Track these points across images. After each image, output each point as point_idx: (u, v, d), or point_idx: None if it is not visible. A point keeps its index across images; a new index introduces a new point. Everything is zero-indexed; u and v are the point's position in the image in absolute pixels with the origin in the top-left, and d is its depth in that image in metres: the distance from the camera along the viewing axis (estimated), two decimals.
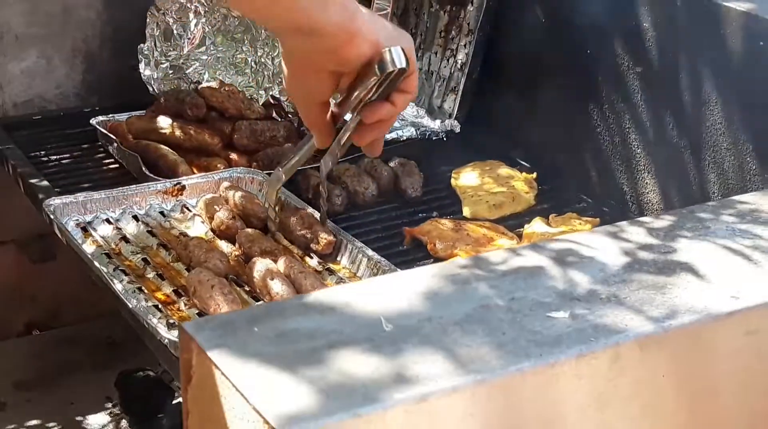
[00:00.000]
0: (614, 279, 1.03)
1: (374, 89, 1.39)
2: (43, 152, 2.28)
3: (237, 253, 1.86)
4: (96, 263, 1.79)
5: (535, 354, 0.91)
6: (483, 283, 1.02)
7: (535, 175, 2.17)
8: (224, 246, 1.89)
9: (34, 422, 2.23)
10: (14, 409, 2.27)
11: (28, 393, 2.32)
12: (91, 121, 2.29)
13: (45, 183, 2.10)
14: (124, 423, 2.25)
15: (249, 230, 1.89)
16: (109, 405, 2.30)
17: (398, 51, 1.35)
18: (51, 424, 2.23)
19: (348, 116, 1.49)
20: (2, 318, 2.58)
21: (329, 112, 1.44)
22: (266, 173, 2.06)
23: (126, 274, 1.78)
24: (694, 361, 0.97)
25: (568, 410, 0.93)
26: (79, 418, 2.25)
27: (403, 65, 1.35)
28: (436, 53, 2.42)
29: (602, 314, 0.97)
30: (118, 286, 1.72)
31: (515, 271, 1.05)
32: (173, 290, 1.75)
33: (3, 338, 2.55)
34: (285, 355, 0.91)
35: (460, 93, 2.33)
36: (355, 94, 1.39)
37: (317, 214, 1.88)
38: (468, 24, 2.33)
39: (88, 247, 1.86)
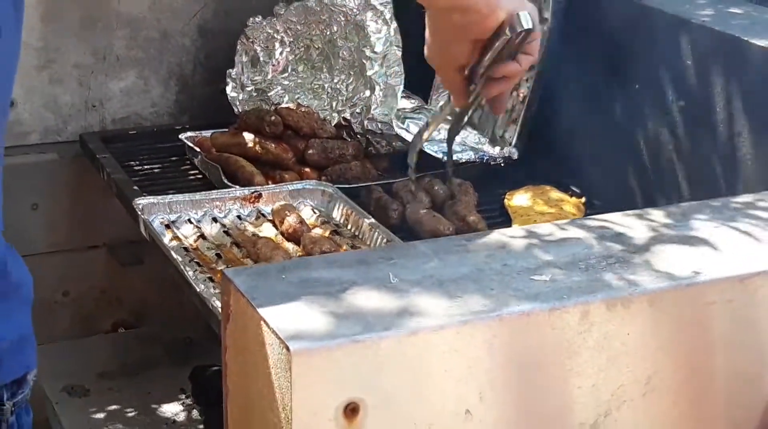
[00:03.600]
0: (596, 255, 1.19)
1: (503, 49, 1.60)
2: (135, 162, 2.51)
3: (300, 253, 2.05)
4: (173, 254, 2.00)
5: (513, 304, 1.08)
6: (483, 253, 1.19)
7: (583, 199, 2.33)
8: (290, 247, 2.08)
9: (114, 407, 2.44)
10: (97, 395, 2.48)
11: (110, 382, 2.53)
12: (180, 136, 2.52)
13: (135, 188, 2.33)
14: (195, 412, 2.44)
15: (313, 233, 2.08)
16: (183, 396, 2.50)
17: (526, 15, 1.58)
18: (129, 410, 2.43)
19: None
20: (92, 316, 2.80)
21: (465, 75, 1.66)
22: (336, 187, 2.27)
23: (199, 266, 1.98)
24: (657, 324, 1.13)
25: (541, 354, 1.09)
26: (154, 406, 2.44)
27: (530, 26, 1.58)
28: None
29: (578, 280, 1.13)
30: (189, 273, 1.92)
31: (514, 245, 1.22)
32: None
33: (91, 335, 2.78)
34: (304, 296, 1.09)
35: (519, 123, 2.50)
36: (488, 55, 1.60)
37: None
38: None
39: (169, 242, 2.07)
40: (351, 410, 1.02)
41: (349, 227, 2.18)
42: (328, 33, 2.59)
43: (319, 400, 1.01)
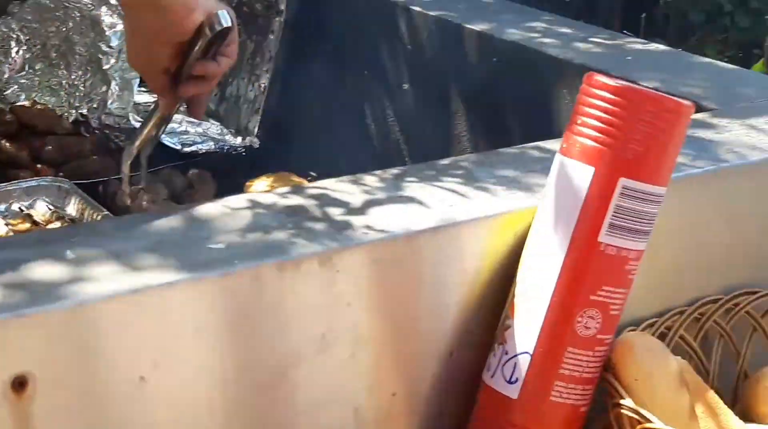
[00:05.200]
0: (278, 220, 1.23)
1: (204, 51, 1.58)
2: None
3: None
4: None
5: (185, 273, 1.12)
6: (166, 227, 1.22)
7: None
8: None
9: None
10: None
11: None
12: None
13: None
14: None
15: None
16: None
17: (225, 14, 1.56)
18: None
19: None
20: None
21: (171, 79, 1.61)
22: (74, 183, 2.27)
23: None
24: (328, 283, 1.18)
25: (214, 319, 1.13)
26: None
27: (230, 24, 1.56)
28: (243, 79, 2.63)
29: (253, 245, 1.18)
30: None
31: (199, 217, 1.25)
32: None
33: None
34: None
35: (260, 113, 2.55)
36: (191, 57, 1.57)
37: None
38: (269, 51, 2.56)
39: None
40: (19, 384, 1.04)
41: (84, 221, 2.19)
42: (64, 29, 2.58)
43: None
